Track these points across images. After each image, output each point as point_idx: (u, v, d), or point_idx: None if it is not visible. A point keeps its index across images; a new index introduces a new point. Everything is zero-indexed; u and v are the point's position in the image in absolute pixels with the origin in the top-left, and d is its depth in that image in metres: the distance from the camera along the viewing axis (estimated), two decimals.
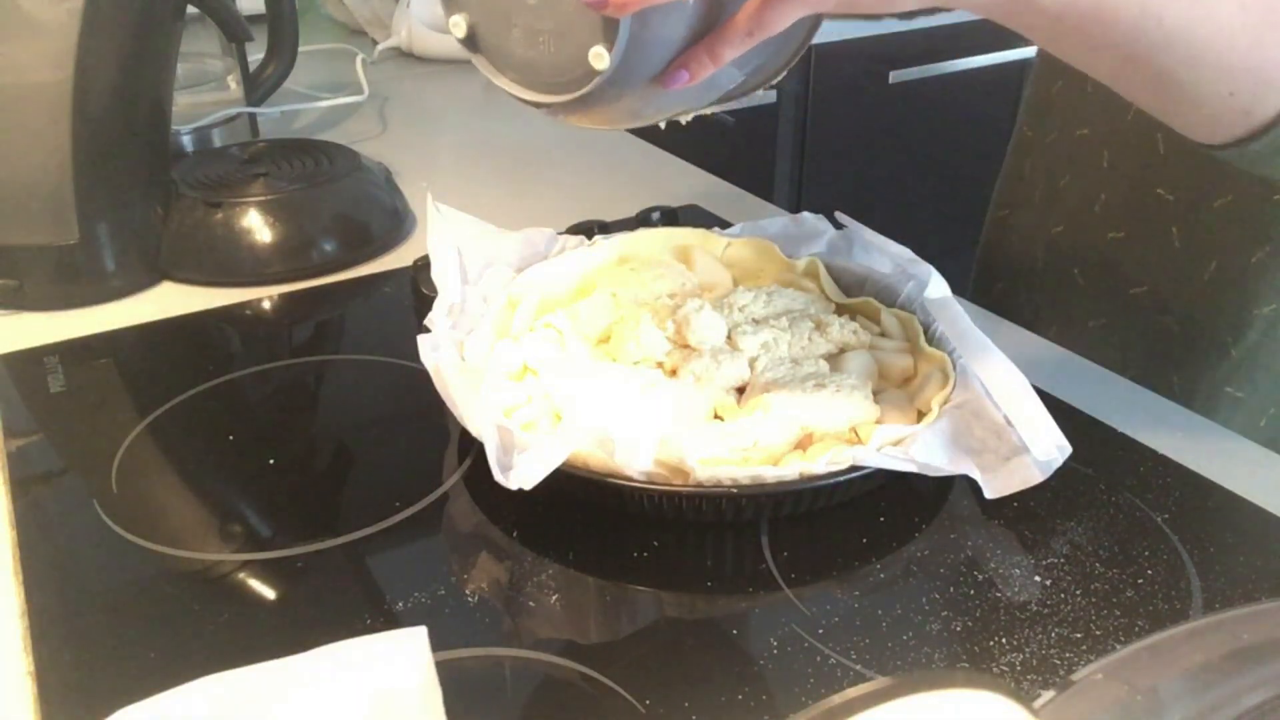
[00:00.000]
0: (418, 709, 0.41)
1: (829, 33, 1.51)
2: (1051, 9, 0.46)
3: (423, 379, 0.57)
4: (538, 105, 0.50)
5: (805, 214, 0.74)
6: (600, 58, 0.46)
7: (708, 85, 0.51)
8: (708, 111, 0.59)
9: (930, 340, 0.63)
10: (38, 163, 0.77)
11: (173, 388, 0.68)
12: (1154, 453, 0.61)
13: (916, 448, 0.52)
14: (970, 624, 0.49)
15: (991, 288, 0.87)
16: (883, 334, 0.65)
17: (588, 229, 0.77)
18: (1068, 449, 0.52)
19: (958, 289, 0.66)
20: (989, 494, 0.53)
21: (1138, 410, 0.65)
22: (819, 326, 0.63)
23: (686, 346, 0.62)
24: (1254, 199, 0.65)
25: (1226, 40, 0.47)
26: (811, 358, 0.61)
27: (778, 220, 0.75)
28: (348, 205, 0.89)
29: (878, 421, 0.57)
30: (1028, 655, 0.47)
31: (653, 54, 0.47)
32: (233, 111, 1.07)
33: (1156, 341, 0.72)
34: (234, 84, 1.09)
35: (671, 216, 0.87)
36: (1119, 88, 0.52)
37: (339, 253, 0.86)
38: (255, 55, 1.09)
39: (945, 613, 0.50)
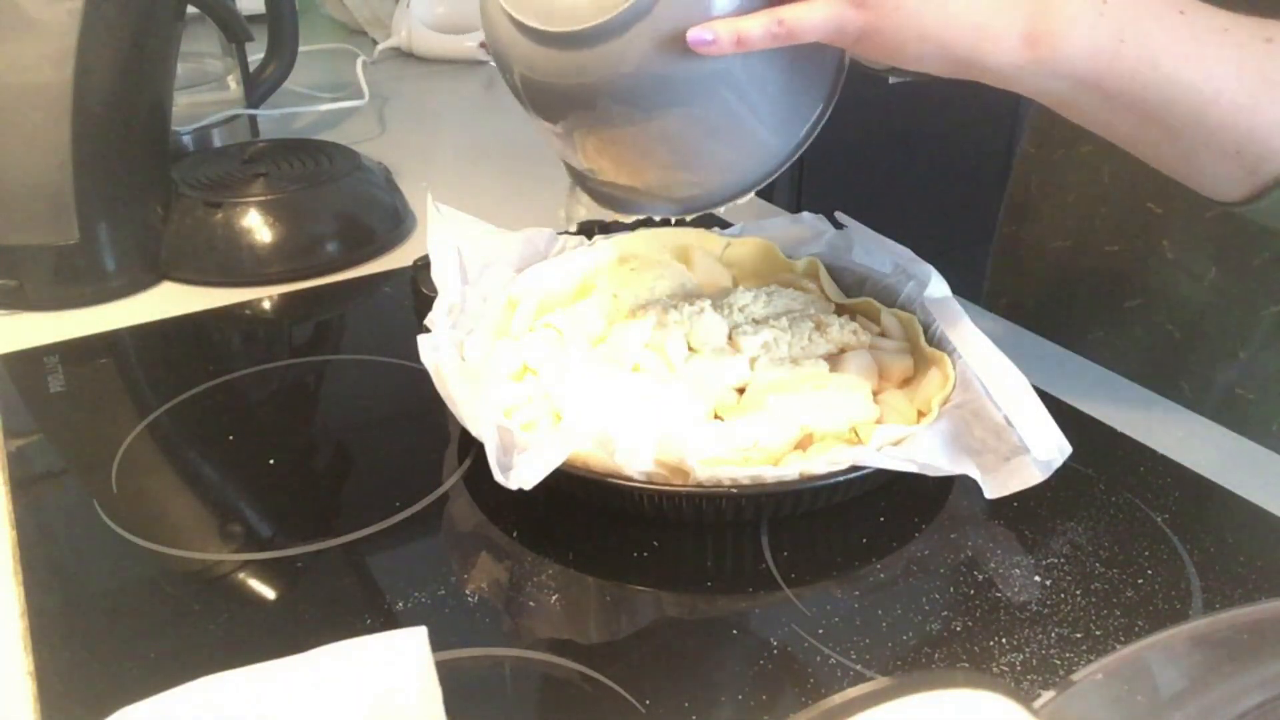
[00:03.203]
0: (418, 709, 0.41)
1: None
2: (1067, 70, 0.49)
3: (423, 379, 0.57)
4: (540, 38, 0.49)
5: (805, 214, 0.75)
6: None
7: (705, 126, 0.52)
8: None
9: (930, 340, 0.63)
10: (38, 163, 0.77)
11: (173, 388, 0.68)
12: (1154, 453, 0.61)
13: (916, 448, 0.52)
14: (970, 624, 0.49)
15: (999, 303, 0.87)
16: (883, 334, 0.65)
17: (588, 229, 0.77)
18: (1068, 449, 0.52)
19: (957, 289, 0.66)
20: (989, 494, 0.53)
21: (1138, 410, 0.65)
22: (819, 326, 0.63)
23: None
24: None
25: (1228, 100, 0.49)
26: (811, 358, 0.61)
27: (778, 220, 0.75)
28: (348, 205, 0.89)
29: (878, 421, 0.57)
30: (1028, 655, 0.47)
31: (682, 10, 0.46)
32: (232, 112, 1.07)
33: (1160, 350, 0.73)
34: (234, 84, 1.09)
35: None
36: (1134, 149, 0.54)
37: (339, 253, 0.86)
38: (255, 55, 1.09)
39: (945, 613, 0.50)
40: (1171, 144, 0.53)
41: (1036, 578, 0.52)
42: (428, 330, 0.61)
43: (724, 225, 0.80)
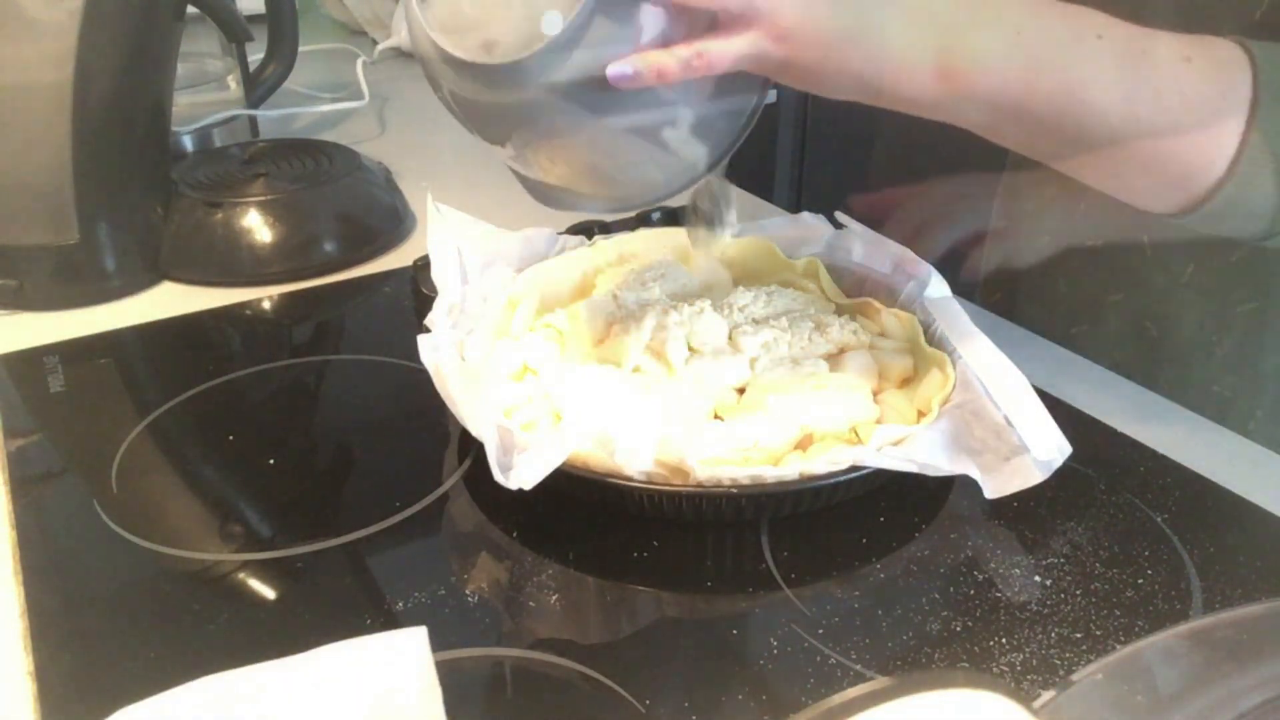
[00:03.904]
0: (417, 709, 0.41)
1: None
2: (984, 100, 0.49)
3: (423, 379, 0.57)
4: (463, 69, 0.49)
5: (805, 214, 0.75)
6: (553, 23, 0.45)
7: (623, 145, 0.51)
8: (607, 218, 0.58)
9: (930, 340, 0.63)
10: (38, 163, 0.77)
11: (173, 388, 0.68)
12: (1154, 453, 0.61)
13: (916, 448, 0.52)
14: (970, 624, 0.49)
15: (992, 298, 0.88)
16: (883, 334, 0.65)
17: (588, 229, 0.77)
18: (1068, 449, 0.52)
19: (957, 289, 0.66)
20: (989, 494, 0.53)
21: (1138, 410, 0.65)
22: (819, 326, 0.63)
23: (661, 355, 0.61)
24: None
25: (1148, 123, 0.49)
26: (811, 358, 0.61)
27: (778, 220, 0.75)
28: (348, 205, 0.89)
29: (878, 421, 0.57)
30: (1028, 655, 0.47)
31: (603, 44, 0.46)
32: (232, 112, 1.07)
33: (1138, 346, 0.73)
34: (234, 84, 1.09)
35: (671, 216, 0.87)
36: (1064, 170, 0.55)
37: (339, 253, 0.86)
38: (255, 55, 1.09)
39: (945, 613, 0.50)
40: (1097, 166, 0.53)
41: (1036, 578, 0.52)
42: (428, 330, 0.61)
43: None
